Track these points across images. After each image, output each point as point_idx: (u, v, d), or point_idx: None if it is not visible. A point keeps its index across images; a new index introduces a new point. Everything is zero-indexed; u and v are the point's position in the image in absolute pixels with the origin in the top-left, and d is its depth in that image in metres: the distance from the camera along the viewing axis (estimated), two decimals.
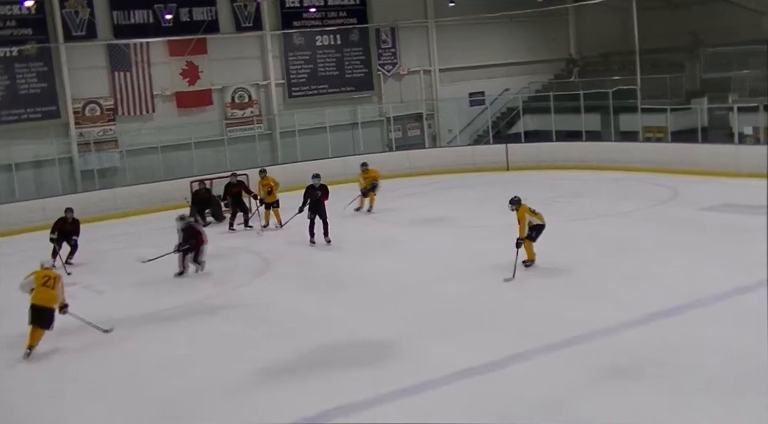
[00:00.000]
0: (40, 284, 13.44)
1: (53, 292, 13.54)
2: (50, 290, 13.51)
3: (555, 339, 12.24)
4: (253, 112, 33.54)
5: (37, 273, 13.70)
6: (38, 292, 13.34)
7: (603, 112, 32.07)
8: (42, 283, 13.44)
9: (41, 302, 13.32)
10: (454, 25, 36.60)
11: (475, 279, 16.30)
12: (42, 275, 13.64)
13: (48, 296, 13.44)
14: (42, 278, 13.54)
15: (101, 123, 30.46)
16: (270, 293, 16.72)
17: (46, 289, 13.43)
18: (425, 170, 32.04)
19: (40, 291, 13.36)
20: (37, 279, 13.50)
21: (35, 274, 13.68)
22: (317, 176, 21.49)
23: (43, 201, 26.98)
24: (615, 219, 21.11)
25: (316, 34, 34.90)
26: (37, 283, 13.44)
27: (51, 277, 13.67)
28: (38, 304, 13.26)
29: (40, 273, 13.70)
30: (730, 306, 13.26)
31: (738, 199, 22.17)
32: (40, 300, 13.32)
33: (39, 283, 13.44)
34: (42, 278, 13.54)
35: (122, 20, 30.67)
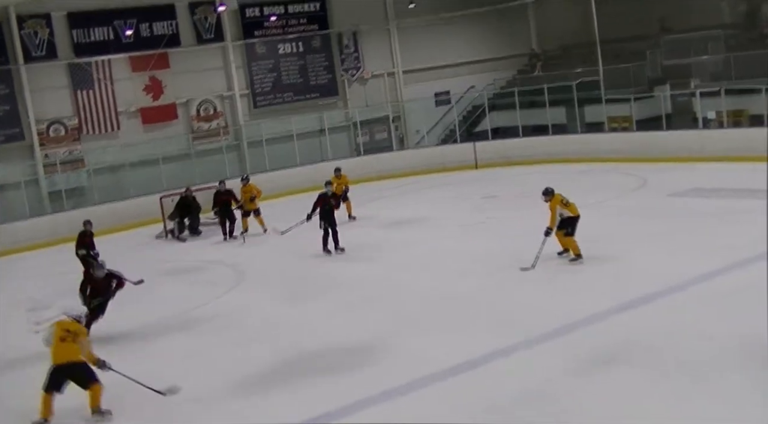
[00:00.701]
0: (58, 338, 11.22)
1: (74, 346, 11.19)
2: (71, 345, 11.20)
3: (537, 332, 12.31)
4: (219, 124, 33.44)
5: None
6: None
7: (568, 105, 32.26)
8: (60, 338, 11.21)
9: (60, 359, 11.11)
10: (415, 26, 36.68)
11: (453, 277, 16.35)
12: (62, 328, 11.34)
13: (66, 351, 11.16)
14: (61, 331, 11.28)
15: (66, 143, 30.26)
16: (244, 303, 16.67)
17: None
18: (395, 173, 32.09)
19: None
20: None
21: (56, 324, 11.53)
22: (330, 183, 21.06)
23: (12, 225, 26.75)
24: (586, 211, 21.03)
25: (278, 42, 34.86)
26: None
27: (71, 331, 11.26)
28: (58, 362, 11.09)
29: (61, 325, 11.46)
30: (704, 289, 13.39)
31: (705, 183, 22.41)
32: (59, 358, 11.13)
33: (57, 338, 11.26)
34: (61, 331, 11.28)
35: (82, 38, 30.49)
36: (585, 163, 28.43)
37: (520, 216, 20.87)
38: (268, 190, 26.27)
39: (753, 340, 10.79)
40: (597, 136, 30.46)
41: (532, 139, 31.84)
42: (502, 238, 19.31)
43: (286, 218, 23.86)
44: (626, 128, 30.40)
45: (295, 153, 32.98)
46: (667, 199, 21.26)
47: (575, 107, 31.73)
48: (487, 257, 17.57)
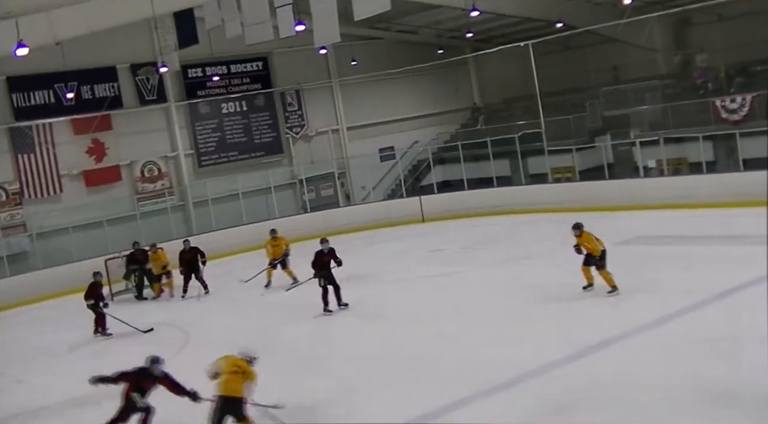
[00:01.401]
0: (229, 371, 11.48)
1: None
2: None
3: (487, 384, 12.25)
4: (164, 184, 33.25)
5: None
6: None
7: (511, 157, 32.63)
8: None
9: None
10: (358, 83, 37.00)
11: (402, 331, 16.27)
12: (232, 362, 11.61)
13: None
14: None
15: (8, 208, 29.85)
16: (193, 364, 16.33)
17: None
18: (342, 229, 31.92)
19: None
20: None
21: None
22: (326, 241, 19.99)
23: None
24: (532, 261, 21.35)
25: (222, 101, 34.92)
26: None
27: (242, 368, 11.55)
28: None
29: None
30: (655, 336, 13.46)
31: (650, 230, 22.69)
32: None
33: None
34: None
35: (22, 102, 30.25)
36: (530, 214, 28.63)
37: (467, 270, 20.93)
38: (215, 250, 26.07)
39: (705, 382, 10.88)
40: (541, 187, 30.75)
41: (478, 191, 32.07)
42: (447, 292, 19.28)
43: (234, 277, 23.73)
44: (569, 178, 30.78)
45: (241, 211, 32.82)
46: (613, 248, 21.37)
47: (519, 159, 32.10)
48: (436, 311, 17.53)
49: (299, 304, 20.37)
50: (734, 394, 10.57)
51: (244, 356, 11.74)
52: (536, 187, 31.04)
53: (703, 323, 13.64)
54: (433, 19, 35.50)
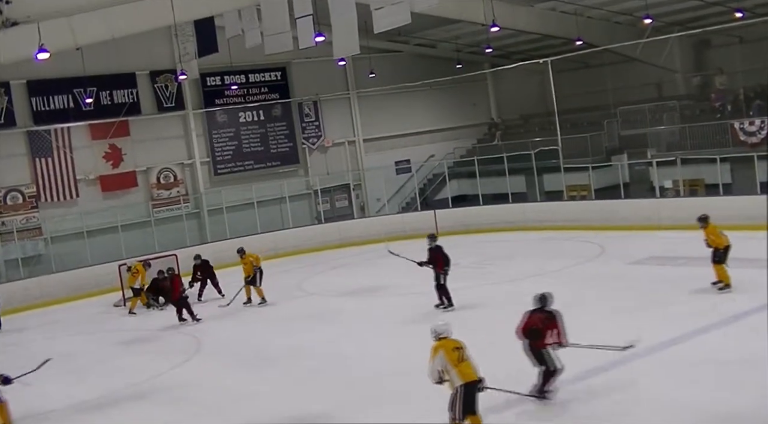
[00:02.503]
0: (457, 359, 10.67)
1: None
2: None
3: (490, 403, 12.17)
4: (179, 191, 33.34)
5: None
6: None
7: (527, 173, 32.54)
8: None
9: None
10: (375, 95, 37.03)
11: (409, 346, 16.20)
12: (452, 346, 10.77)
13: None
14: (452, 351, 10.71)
15: (24, 211, 30.00)
16: (201, 373, 16.44)
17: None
18: (355, 241, 32.01)
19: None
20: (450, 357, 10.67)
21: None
22: (434, 236, 20.17)
23: None
24: (545, 278, 21.25)
25: (239, 110, 35.03)
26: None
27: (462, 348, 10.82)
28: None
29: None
30: (664, 357, 13.37)
31: (663, 251, 22.58)
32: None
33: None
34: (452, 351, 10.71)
35: (41, 106, 30.42)
36: (544, 231, 28.56)
37: (479, 285, 20.90)
38: (227, 259, 26.10)
39: (711, 405, 10.81)
40: (556, 205, 30.68)
41: (492, 207, 32.00)
42: (460, 307, 19.21)
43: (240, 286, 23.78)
44: (585, 197, 30.69)
45: (255, 221, 32.87)
46: (626, 267, 21.38)
47: (534, 176, 32.00)
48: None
49: (309, 314, 20.40)
50: (740, 417, 10.51)
51: (446, 332, 10.85)
52: (551, 204, 30.98)
53: (712, 345, 13.55)
54: (453, 33, 35.56)
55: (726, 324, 14.46)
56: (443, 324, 10.98)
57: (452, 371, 10.47)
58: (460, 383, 10.39)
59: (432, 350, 10.68)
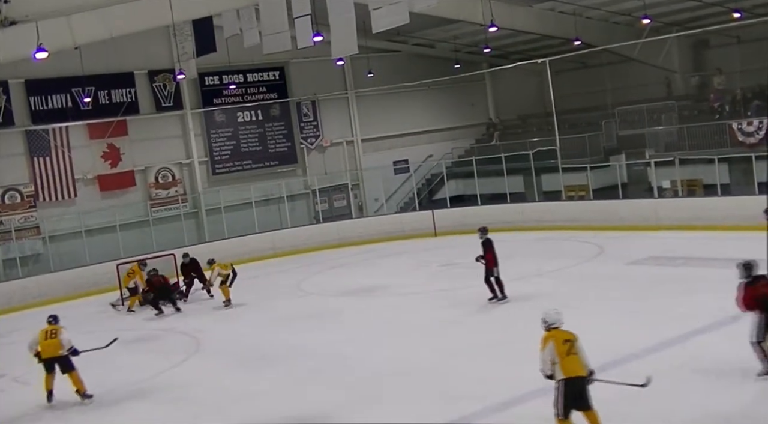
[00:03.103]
0: None
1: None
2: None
3: (493, 401, 12.20)
4: (177, 191, 33.32)
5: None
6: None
7: (525, 173, 32.56)
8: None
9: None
10: (373, 95, 37.02)
11: (408, 346, 16.24)
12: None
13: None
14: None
15: (22, 210, 29.96)
16: (200, 373, 16.44)
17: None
18: (354, 240, 32.04)
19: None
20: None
21: None
22: (486, 230, 20.33)
23: None
24: (543, 278, 21.29)
25: (237, 110, 35.02)
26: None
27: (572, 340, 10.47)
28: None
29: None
30: (662, 358, 13.37)
31: (662, 251, 22.60)
32: None
33: None
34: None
35: (40, 106, 30.40)
36: (543, 231, 28.58)
37: (478, 285, 20.86)
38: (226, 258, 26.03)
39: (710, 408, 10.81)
40: (554, 205, 30.70)
41: (490, 207, 31.99)
42: (458, 307, 19.24)
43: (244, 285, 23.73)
44: (583, 197, 30.73)
45: (254, 220, 32.87)
46: (624, 267, 21.39)
47: (533, 176, 32.02)
48: (445, 326, 17.50)
49: (308, 314, 20.40)
50: (740, 417, 10.55)
51: (557, 322, 10.55)
52: (549, 204, 31.00)
53: (711, 348, 13.55)
54: (451, 33, 35.57)
55: (726, 324, 14.42)
56: (555, 313, 10.53)
57: (557, 365, 10.07)
58: (562, 377, 9.99)
59: (542, 340, 10.30)
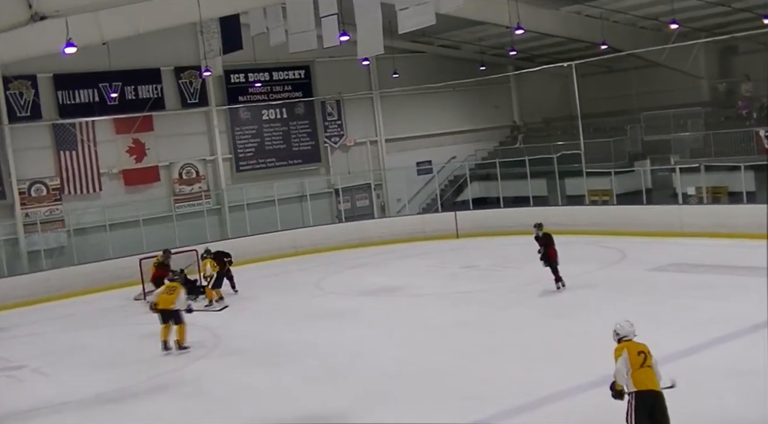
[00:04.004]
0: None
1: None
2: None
3: (506, 406, 12.18)
4: (200, 187, 33.46)
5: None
6: None
7: (549, 177, 32.45)
8: None
9: None
10: (398, 95, 37.01)
11: (427, 348, 16.24)
12: None
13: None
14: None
15: (47, 203, 30.17)
16: (219, 368, 16.51)
17: None
18: (375, 240, 32.06)
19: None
20: None
21: None
22: (540, 226, 21.47)
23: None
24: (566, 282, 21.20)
25: (262, 108, 35.10)
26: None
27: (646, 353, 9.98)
28: None
29: None
30: (683, 366, 13.29)
31: (685, 258, 22.48)
32: None
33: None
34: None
35: (67, 100, 30.61)
36: (565, 235, 28.37)
37: (498, 287, 20.90)
38: (248, 255, 26.20)
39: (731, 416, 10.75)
40: (577, 209, 30.59)
41: (513, 210, 31.94)
42: (480, 308, 19.24)
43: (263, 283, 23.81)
44: (606, 202, 30.56)
45: (276, 218, 32.95)
46: (647, 273, 21.30)
47: (556, 179, 31.93)
48: (464, 328, 17.49)
49: (326, 313, 20.44)
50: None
51: (629, 333, 10.08)
52: (572, 208, 30.89)
53: (735, 354, 13.47)
54: (477, 35, 35.49)
55: (748, 333, 14.36)
56: (628, 325, 10.11)
57: (628, 377, 9.60)
58: (633, 390, 9.51)
59: (615, 351, 9.94)
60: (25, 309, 25.48)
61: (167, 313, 17.89)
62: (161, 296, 18.21)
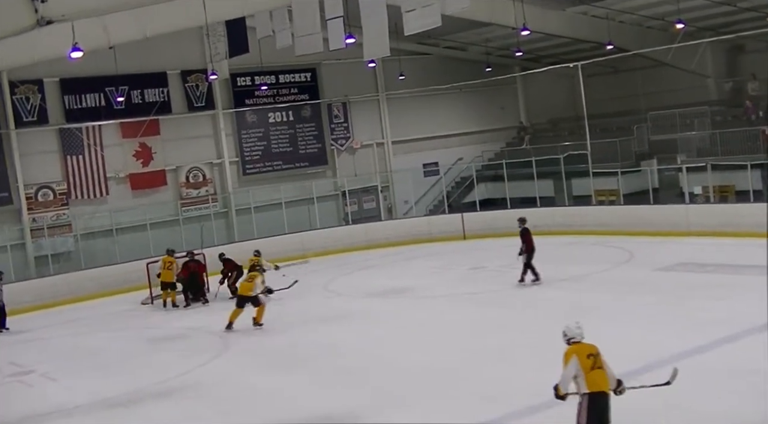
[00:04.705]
0: None
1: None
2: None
3: (517, 406, 12.17)
4: (207, 191, 33.51)
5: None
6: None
7: (555, 177, 32.45)
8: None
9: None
10: (404, 97, 37.06)
11: (437, 349, 16.23)
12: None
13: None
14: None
15: (54, 208, 30.25)
16: (227, 372, 16.51)
17: None
18: (382, 242, 32.05)
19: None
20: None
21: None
22: (524, 220, 22.13)
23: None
24: (572, 283, 21.20)
25: (269, 111, 35.15)
26: None
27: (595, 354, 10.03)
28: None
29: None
30: (689, 365, 13.25)
31: (692, 258, 22.44)
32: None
33: None
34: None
35: (74, 104, 30.69)
36: (572, 235, 28.47)
37: (506, 288, 20.87)
38: None
39: (740, 415, 10.72)
40: (584, 209, 30.55)
41: (520, 211, 31.82)
42: (488, 309, 19.23)
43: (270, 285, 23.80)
44: (613, 202, 30.54)
45: (283, 221, 32.99)
46: (654, 273, 21.26)
47: (563, 180, 31.91)
48: (473, 329, 17.48)
49: (335, 315, 20.44)
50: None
51: (579, 335, 10.18)
52: (579, 208, 30.86)
53: (741, 354, 13.44)
54: (483, 36, 35.51)
55: (756, 332, 14.31)
56: (576, 326, 10.21)
57: (581, 379, 9.73)
58: (587, 391, 9.64)
59: (564, 355, 10.00)
60: (32, 314, 25.51)
61: (245, 298, 19.79)
62: (242, 283, 20.42)
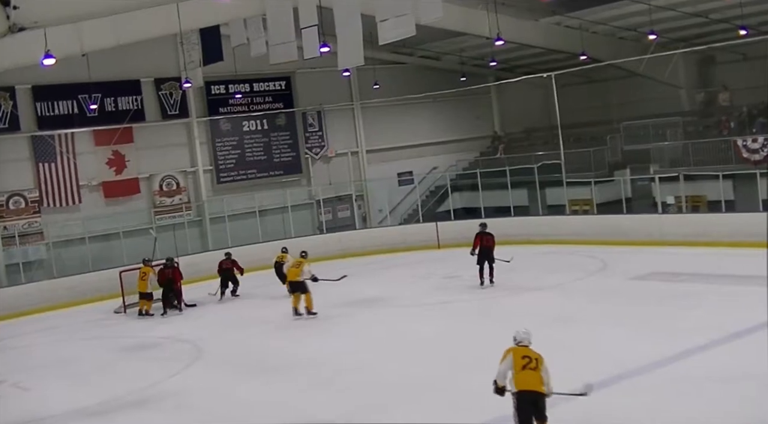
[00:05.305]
0: None
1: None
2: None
3: (493, 414, 12.16)
4: (181, 199, 33.35)
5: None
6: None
7: (530, 187, 32.58)
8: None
9: None
10: (379, 106, 37.09)
11: (414, 357, 16.22)
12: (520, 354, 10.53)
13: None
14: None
15: (26, 215, 29.97)
16: (203, 380, 16.40)
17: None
18: (357, 251, 32.02)
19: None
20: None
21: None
22: (485, 225, 23.54)
23: None
24: (546, 292, 21.26)
25: (243, 119, 35.07)
26: None
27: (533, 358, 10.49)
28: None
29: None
30: (663, 374, 13.35)
31: (665, 267, 22.57)
32: None
33: None
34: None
35: (46, 112, 30.46)
36: (546, 245, 28.57)
37: (481, 297, 20.90)
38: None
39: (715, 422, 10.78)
40: (558, 219, 30.73)
41: (494, 220, 31.79)
42: (463, 318, 19.24)
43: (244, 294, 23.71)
44: (587, 211, 30.69)
45: (257, 229, 32.88)
46: (628, 282, 21.38)
47: (537, 189, 32.05)
48: (448, 338, 17.47)
49: (311, 324, 20.39)
50: None
51: (524, 340, 10.69)
52: (553, 218, 31.03)
53: (715, 362, 13.53)
54: (457, 46, 35.63)
55: (730, 340, 14.44)
56: (524, 333, 10.80)
57: (511, 376, 10.40)
58: (515, 390, 10.32)
59: (504, 352, 10.61)
60: (4, 323, 25.25)
61: (295, 284, 20.93)
62: (290, 270, 21.54)
